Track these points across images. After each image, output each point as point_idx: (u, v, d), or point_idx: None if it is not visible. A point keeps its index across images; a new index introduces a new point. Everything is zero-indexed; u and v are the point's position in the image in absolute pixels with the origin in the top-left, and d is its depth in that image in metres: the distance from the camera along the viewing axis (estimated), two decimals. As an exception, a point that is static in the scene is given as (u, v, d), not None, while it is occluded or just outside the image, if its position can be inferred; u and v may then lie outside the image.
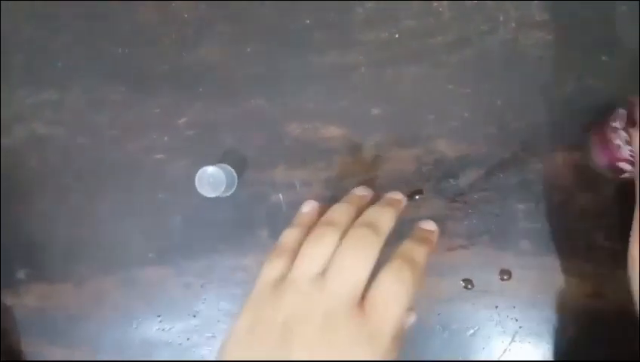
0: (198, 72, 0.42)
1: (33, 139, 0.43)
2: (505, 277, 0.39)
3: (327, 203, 0.34)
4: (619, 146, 0.35)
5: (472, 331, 0.40)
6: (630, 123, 0.34)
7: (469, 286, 0.40)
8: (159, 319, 0.43)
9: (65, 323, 0.43)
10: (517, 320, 0.39)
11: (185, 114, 0.42)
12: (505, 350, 0.39)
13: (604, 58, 0.39)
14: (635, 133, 0.33)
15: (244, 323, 0.28)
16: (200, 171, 0.38)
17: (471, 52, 0.40)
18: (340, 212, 0.31)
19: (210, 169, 0.38)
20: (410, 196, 0.40)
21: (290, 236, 0.32)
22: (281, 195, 0.41)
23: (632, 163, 0.34)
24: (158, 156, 0.42)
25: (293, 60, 0.41)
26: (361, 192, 0.35)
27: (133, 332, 0.43)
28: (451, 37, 0.40)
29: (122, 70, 0.42)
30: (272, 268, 0.30)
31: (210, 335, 0.42)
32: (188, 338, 0.42)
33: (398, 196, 0.34)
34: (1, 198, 0.43)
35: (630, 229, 0.32)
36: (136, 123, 0.42)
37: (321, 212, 0.33)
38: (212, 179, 0.38)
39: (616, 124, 0.35)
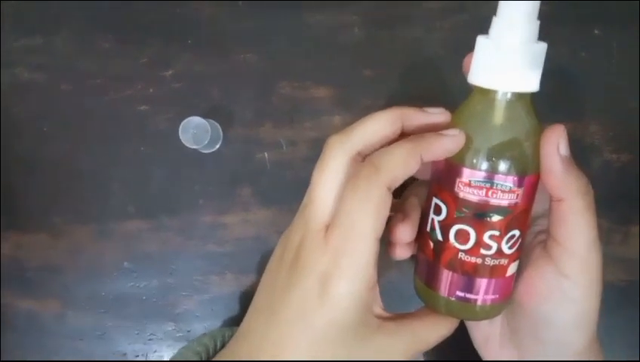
0: (188, 24, 0.41)
1: (16, 84, 0.42)
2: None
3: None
4: None
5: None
6: None
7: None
8: (135, 275, 0.42)
9: (38, 274, 0.42)
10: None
11: (172, 66, 0.41)
12: None
13: (596, 32, 0.39)
14: None
15: (276, 250, 0.28)
16: (185, 121, 0.37)
17: (465, 18, 0.40)
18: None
19: (196, 119, 0.37)
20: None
21: None
22: (266, 154, 0.41)
23: None
24: (143, 107, 0.41)
25: (285, 17, 0.41)
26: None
27: (107, 287, 0.42)
28: (446, 2, 0.40)
29: (111, 19, 0.42)
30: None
31: (186, 294, 0.41)
32: (163, 296, 0.42)
33: (433, 117, 0.27)
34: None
35: None
36: (122, 73, 0.41)
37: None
38: (196, 131, 0.38)
39: None
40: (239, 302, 0.42)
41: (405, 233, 0.28)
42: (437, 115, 0.27)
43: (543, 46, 0.25)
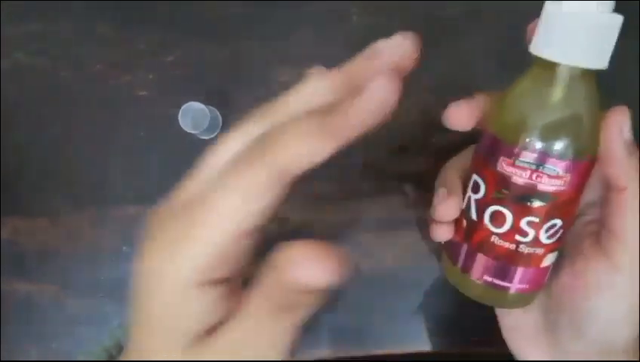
0: (188, 11, 0.41)
1: (15, 69, 0.42)
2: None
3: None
4: None
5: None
6: None
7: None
8: (134, 259, 0.42)
9: (36, 258, 0.42)
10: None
11: (172, 52, 0.41)
12: None
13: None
14: None
15: None
16: (184, 106, 0.38)
17: (463, 8, 0.40)
18: None
19: (195, 105, 0.38)
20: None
21: None
22: (264, 140, 0.41)
23: None
24: (142, 93, 0.42)
25: (284, 4, 0.41)
26: None
27: (106, 272, 0.42)
28: (445, -10, 0.40)
29: (111, 5, 0.42)
30: None
31: (185, 279, 0.42)
32: (161, 281, 0.42)
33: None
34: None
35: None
36: (121, 59, 0.42)
37: None
38: (196, 115, 0.38)
39: None
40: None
41: (449, 211, 0.26)
42: (397, 45, 0.21)
43: (618, 19, 0.22)
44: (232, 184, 0.20)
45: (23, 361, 0.42)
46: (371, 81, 0.19)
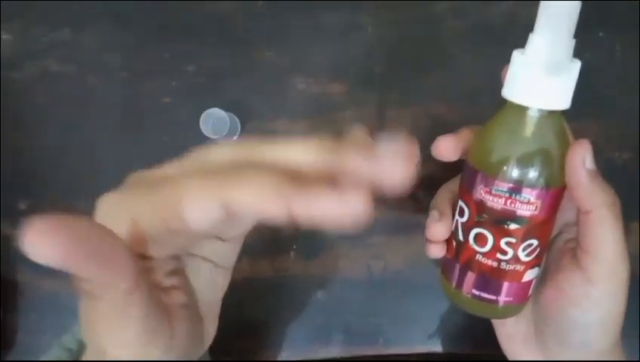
0: (210, 22, 0.43)
1: (44, 76, 0.44)
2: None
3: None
4: None
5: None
6: None
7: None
8: (154, 259, 0.44)
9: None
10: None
11: (194, 61, 0.43)
12: None
13: (601, 34, 0.41)
14: None
15: None
16: (205, 112, 0.39)
17: (474, 19, 0.41)
18: None
19: (216, 111, 0.39)
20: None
21: None
22: (281, 146, 0.43)
23: None
24: (165, 100, 0.43)
25: (303, 16, 0.43)
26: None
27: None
28: (456, 3, 0.42)
29: (136, 15, 0.44)
30: None
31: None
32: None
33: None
34: (1, 130, 0.44)
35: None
36: (145, 67, 0.44)
37: None
38: (216, 121, 0.40)
39: None
40: (245, 288, 0.43)
41: (439, 232, 0.29)
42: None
43: (576, 64, 0.25)
44: (192, 184, 0.20)
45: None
46: (350, 189, 0.18)
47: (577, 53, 0.41)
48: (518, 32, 0.41)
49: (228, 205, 0.19)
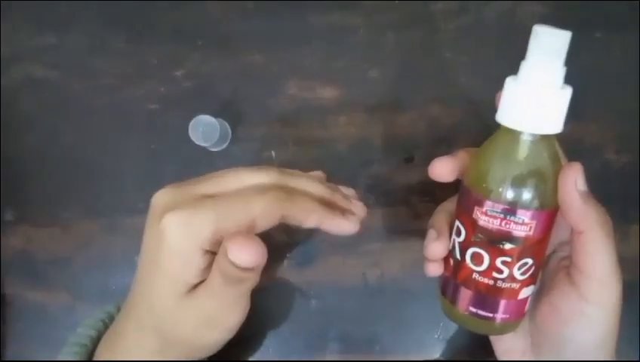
0: (198, 25, 0.42)
1: (29, 81, 0.43)
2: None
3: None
4: None
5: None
6: None
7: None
8: (144, 269, 0.42)
9: (48, 266, 0.43)
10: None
11: (182, 66, 0.42)
12: None
13: (598, 35, 0.40)
14: None
15: None
16: (194, 119, 0.38)
17: (469, 20, 0.41)
18: None
19: (205, 118, 0.38)
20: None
21: None
22: (273, 152, 0.42)
23: None
24: (153, 106, 0.42)
25: (293, 19, 0.42)
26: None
27: (117, 281, 0.43)
28: (451, 3, 0.41)
29: (123, 19, 0.43)
30: None
31: (194, 288, 0.42)
32: (171, 290, 0.42)
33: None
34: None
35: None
36: (133, 72, 0.42)
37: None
38: (206, 128, 0.39)
39: None
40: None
41: (437, 251, 0.30)
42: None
43: (568, 90, 0.26)
44: (262, 201, 0.29)
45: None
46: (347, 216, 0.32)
47: (577, 53, 0.41)
48: (514, 34, 0.41)
49: (285, 217, 0.29)
